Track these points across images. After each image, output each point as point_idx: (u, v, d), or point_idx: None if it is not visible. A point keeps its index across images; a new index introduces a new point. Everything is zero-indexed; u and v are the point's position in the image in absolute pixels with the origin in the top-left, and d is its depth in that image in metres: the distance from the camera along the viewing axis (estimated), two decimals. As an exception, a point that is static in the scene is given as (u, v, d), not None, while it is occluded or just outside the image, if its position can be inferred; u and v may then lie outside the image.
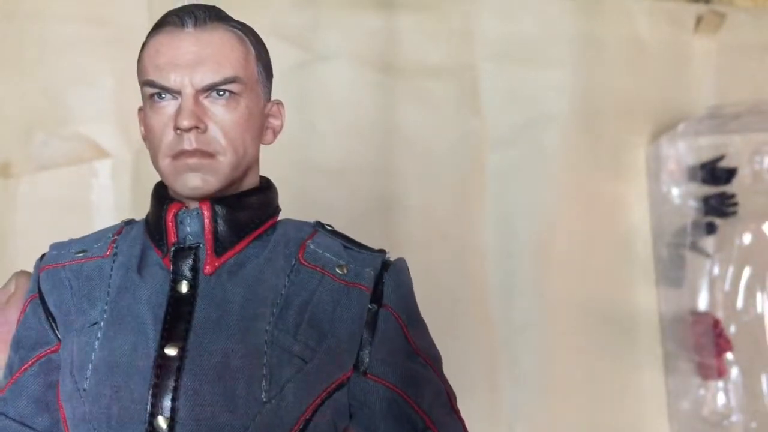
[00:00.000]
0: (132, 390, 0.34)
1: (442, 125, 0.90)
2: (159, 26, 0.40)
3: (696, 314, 0.85)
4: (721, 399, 0.85)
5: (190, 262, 0.37)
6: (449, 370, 0.44)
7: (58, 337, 0.39)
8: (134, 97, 0.88)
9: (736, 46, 0.96)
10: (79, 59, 0.88)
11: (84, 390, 0.35)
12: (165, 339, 0.35)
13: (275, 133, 0.42)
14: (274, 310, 0.36)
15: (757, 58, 0.96)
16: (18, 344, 0.39)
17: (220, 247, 0.37)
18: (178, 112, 0.37)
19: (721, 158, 0.89)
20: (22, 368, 0.38)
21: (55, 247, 0.41)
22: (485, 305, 0.85)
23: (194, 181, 0.37)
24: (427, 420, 0.38)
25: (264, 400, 0.34)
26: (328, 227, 0.42)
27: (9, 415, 0.37)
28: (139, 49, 0.41)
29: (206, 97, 0.37)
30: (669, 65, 0.96)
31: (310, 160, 0.84)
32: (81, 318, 0.37)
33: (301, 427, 0.35)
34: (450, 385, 0.41)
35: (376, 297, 0.39)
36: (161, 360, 0.34)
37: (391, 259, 0.41)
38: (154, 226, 0.39)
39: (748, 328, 0.87)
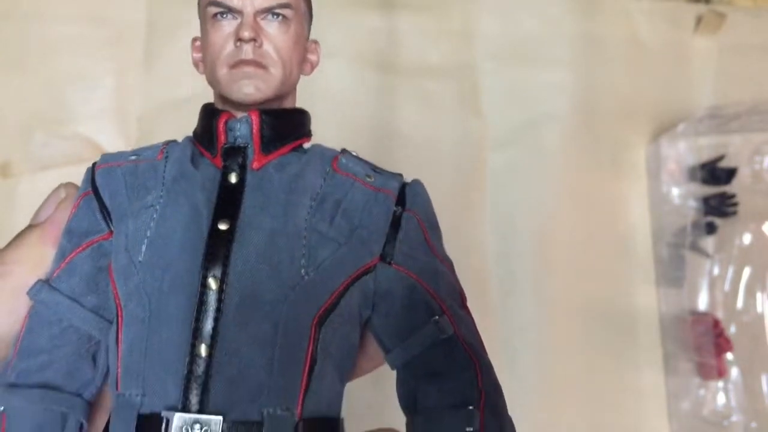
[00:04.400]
0: (185, 260, 0.38)
1: (442, 125, 0.90)
2: None
3: (696, 314, 0.85)
4: (721, 399, 0.85)
5: (239, 159, 0.41)
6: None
7: (110, 228, 0.41)
8: (134, 97, 0.89)
9: (736, 46, 0.96)
10: (79, 59, 0.88)
11: (139, 262, 0.39)
12: (217, 216, 0.39)
13: (312, 67, 0.47)
14: (312, 203, 0.41)
15: (757, 58, 0.96)
16: (70, 233, 0.42)
17: (265, 148, 0.42)
18: (240, 27, 0.41)
19: (721, 158, 0.89)
20: (75, 251, 0.41)
21: (106, 155, 0.45)
22: (485, 305, 0.85)
23: (248, 88, 0.41)
24: (444, 307, 0.42)
25: (302, 274, 0.39)
26: (353, 153, 0.46)
27: (62, 291, 0.40)
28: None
29: (263, 18, 0.42)
30: (669, 65, 0.96)
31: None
32: (136, 204, 0.41)
33: (333, 301, 0.39)
34: (462, 288, 0.45)
35: (401, 202, 0.44)
36: (214, 234, 0.38)
37: None
38: (203, 134, 0.43)
39: (748, 328, 0.87)
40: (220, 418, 0.35)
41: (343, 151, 0.46)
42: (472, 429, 0.39)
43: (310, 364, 0.38)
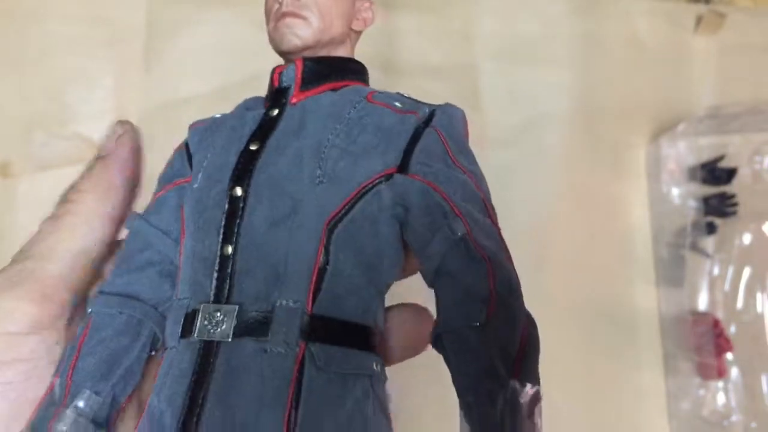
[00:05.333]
0: (221, 178, 0.43)
1: (442, 125, 0.90)
2: None
3: (696, 314, 0.85)
4: (721, 399, 0.85)
5: (282, 99, 0.46)
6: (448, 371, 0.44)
7: (191, 172, 0.47)
8: (134, 97, 0.89)
9: (736, 46, 0.96)
10: (78, 59, 0.88)
11: (196, 188, 0.45)
12: (250, 141, 0.44)
13: (366, 24, 0.50)
14: (338, 126, 0.45)
15: (757, 58, 0.96)
16: (162, 178, 0.48)
17: (304, 86, 0.46)
18: None
19: (721, 158, 0.89)
20: (164, 189, 0.47)
21: (200, 119, 0.50)
22: (485, 305, 0.85)
23: (289, 36, 0.46)
24: (456, 210, 0.42)
25: (317, 182, 0.42)
26: (401, 93, 0.50)
27: (151, 222, 0.46)
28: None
29: None
30: (669, 65, 0.96)
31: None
32: (205, 144, 0.47)
33: (345, 207, 0.42)
34: (491, 202, 0.46)
35: (426, 121, 0.47)
36: (245, 154, 0.43)
37: None
38: (268, 89, 0.48)
39: (748, 328, 0.87)
40: (237, 306, 0.39)
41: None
42: (477, 324, 0.39)
43: (321, 263, 0.41)
